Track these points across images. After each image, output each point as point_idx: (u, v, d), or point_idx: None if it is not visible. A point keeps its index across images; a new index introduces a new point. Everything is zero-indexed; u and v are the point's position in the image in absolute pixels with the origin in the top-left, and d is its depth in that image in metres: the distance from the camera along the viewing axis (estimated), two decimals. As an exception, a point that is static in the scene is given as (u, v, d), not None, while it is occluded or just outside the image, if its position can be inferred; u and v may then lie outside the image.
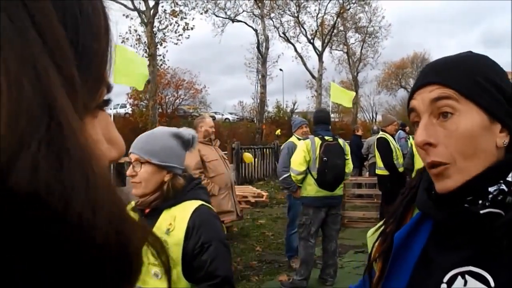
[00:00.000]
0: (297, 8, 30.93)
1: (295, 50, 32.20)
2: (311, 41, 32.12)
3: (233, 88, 64.45)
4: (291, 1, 30.40)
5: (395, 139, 6.76)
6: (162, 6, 23.29)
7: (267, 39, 29.79)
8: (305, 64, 32.21)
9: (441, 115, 0.80)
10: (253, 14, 29.86)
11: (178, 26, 23.98)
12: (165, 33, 23.87)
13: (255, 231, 7.66)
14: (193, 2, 24.63)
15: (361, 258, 5.31)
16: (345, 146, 5.03)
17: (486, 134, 0.78)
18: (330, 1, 30.68)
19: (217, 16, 29.44)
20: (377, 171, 6.71)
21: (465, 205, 0.78)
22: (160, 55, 23.48)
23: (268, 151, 15.16)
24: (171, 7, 23.78)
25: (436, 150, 0.79)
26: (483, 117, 0.78)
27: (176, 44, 24.24)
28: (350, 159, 5.09)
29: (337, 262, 5.18)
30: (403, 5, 70.68)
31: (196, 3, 25.05)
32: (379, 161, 6.50)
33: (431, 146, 0.80)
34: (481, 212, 0.76)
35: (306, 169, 4.82)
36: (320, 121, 5.05)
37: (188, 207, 1.80)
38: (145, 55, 20.27)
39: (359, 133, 11.08)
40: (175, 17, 23.80)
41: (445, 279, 0.78)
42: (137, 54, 12.69)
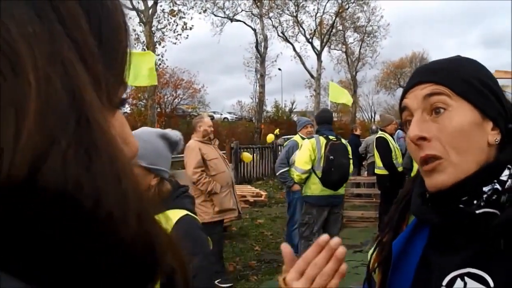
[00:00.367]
0: (296, 8, 30.95)
1: (294, 49, 32.22)
2: (310, 40, 32.13)
3: (231, 88, 64.56)
4: (290, 0, 30.41)
5: (394, 139, 6.77)
6: (161, 6, 23.27)
7: (265, 39, 29.79)
8: (303, 64, 32.22)
9: (434, 111, 0.80)
10: (252, 13, 29.86)
11: (176, 25, 23.99)
12: (163, 33, 23.88)
13: (254, 231, 7.66)
14: (191, 2, 24.62)
15: (360, 257, 5.30)
16: (347, 146, 5.06)
17: (478, 130, 0.79)
18: (328, 0, 30.69)
19: (215, 15, 29.44)
20: (376, 171, 6.72)
21: (460, 205, 0.78)
22: (158, 55, 23.46)
23: (266, 150, 15.16)
24: (170, 6, 23.77)
25: (429, 144, 0.80)
26: (475, 114, 0.79)
27: (174, 43, 24.27)
28: (351, 160, 5.13)
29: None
30: (402, 5, 70.77)
31: (195, 3, 25.05)
32: (378, 161, 6.50)
33: (424, 141, 0.80)
34: (477, 212, 0.76)
35: (311, 168, 4.82)
36: (324, 121, 5.07)
37: (172, 216, 1.65)
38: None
39: (357, 132, 11.08)
40: (174, 16, 23.79)
41: (445, 282, 0.78)
42: (140, 51, 12.69)
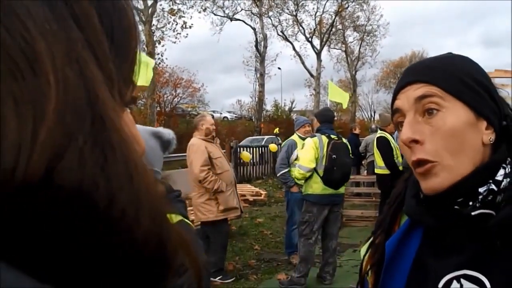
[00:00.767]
0: (296, 7, 30.94)
1: (294, 48, 32.23)
2: (310, 39, 32.12)
3: (231, 87, 64.58)
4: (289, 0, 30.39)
5: (394, 138, 6.76)
6: (160, 5, 23.26)
7: (265, 38, 29.78)
8: (303, 63, 32.23)
9: (426, 113, 0.78)
10: (251, 12, 29.86)
11: (176, 24, 23.97)
12: (163, 32, 23.86)
13: (253, 230, 7.66)
14: (191, 1, 24.60)
15: (360, 257, 5.30)
16: (348, 145, 5.07)
17: (472, 130, 0.77)
18: (328, -1, 30.67)
19: (215, 14, 29.44)
20: (376, 170, 6.70)
21: (455, 207, 0.77)
22: (158, 54, 23.45)
23: (266, 149, 15.14)
24: (169, 5, 23.76)
25: (422, 147, 0.78)
26: (469, 114, 0.77)
27: (174, 42, 24.24)
28: (352, 158, 5.14)
29: (337, 261, 5.19)
30: (402, 4, 70.71)
31: (194, 2, 25.03)
32: (379, 160, 6.48)
33: (417, 144, 0.78)
34: (473, 214, 0.75)
35: (314, 166, 4.82)
36: (326, 120, 5.07)
37: None
38: (144, 54, 20.25)
39: (357, 131, 11.07)
40: (173, 15, 23.77)
41: (440, 284, 0.76)
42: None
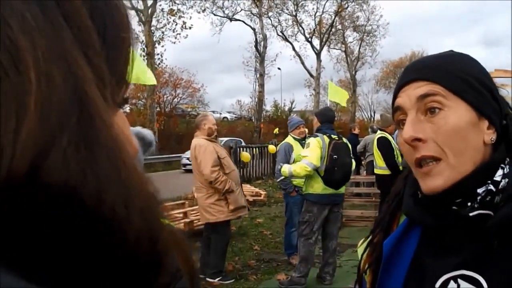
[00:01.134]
0: (295, 7, 30.96)
1: (293, 49, 32.25)
2: (309, 40, 32.13)
3: (231, 87, 64.59)
4: (289, 0, 30.39)
5: (394, 138, 6.76)
6: (160, 5, 23.28)
7: (265, 38, 29.79)
8: (303, 63, 32.24)
9: (429, 111, 0.77)
10: (251, 13, 29.87)
11: (176, 25, 23.98)
12: (163, 32, 23.87)
13: (253, 230, 7.66)
14: (190, 1, 24.60)
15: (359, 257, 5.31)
16: (349, 145, 5.05)
17: (474, 130, 0.77)
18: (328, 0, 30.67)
19: (215, 15, 29.47)
20: (376, 171, 6.68)
21: (454, 207, 0.76)
22: (158, 54, 23.46)
23: (266, 150, 15.14)
24: (169, 6, 23.77)
25: (425, 145, 0.77)
26: (471, 113, 0.77)
27: (174, 43, 24.27)
28: (353, 158, 5.13)
29: (336, 261, 5.18)
30: (401, 4, 70.74)
31: (194, 2, 25.04)
32: (379, 161, 6.46)
33: (419, 142, 0.77)
34: (471, 215, 0.74)
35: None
36: (327, 120, 5.05)
37: None
38: (143, 54, 20.29)
39: (356, 131, 11.07)
40: (173, 16, 23.78)
41: (438, 284, 0.76)
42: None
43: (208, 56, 68.62)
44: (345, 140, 5.05)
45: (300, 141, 5.64)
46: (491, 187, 0.75)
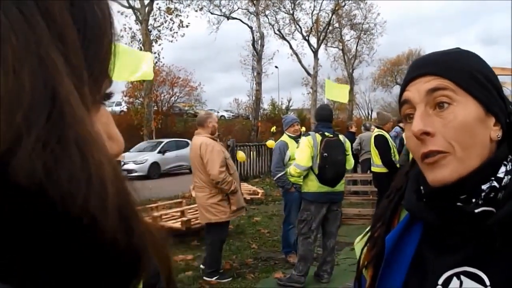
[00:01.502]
0: (292, 5, 30.94)
1: (291, 47, 32.22)
2: (307, 38, 32.13)
3: (228, 86, 64.56)
4: (286, -2, 30.38)
5: (391, 136, 6.77)
6: (157, 4, 23.23)
7: (262, 37, 29.79)
8: (300, 61, 32.22)
9: (437, 106, 0.78)
10: (248, 11, 29.85)
11: (173, 23, 23.95)
12: (160, 31, 23.83)
13: (250, 229, 7.65)
14: (187, 0, 24.56)
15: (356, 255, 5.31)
16: (346, 142, 5.04)
17: (482, 126, 0.77)
18: (325, -2, 30.68)
19: (212, 13, 29.42)
20: (373, 169, 6.69)
21: (458, 204, 0.76)
22: (155, 53, 23.40)
23: (263, 148, 15.14)
24: (166, 4, 23.73)
25: (433, 139, 0.77)
26: (479, 109, 0.77)
27: (171, 41, 24.24)
28: (351, 155, 5.12)
29: (335, 259, 5.18)
30: (398, 2, 70.78)
31: (191, 1, 25.00)
32: (376, 159, 6.47)
33: (428, 136, 0.77)
34: (476, 211, 0.74)
35: (311, 165, 4.80)
36: (321, 119, 5.04)
37: None
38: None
39: (353, 129, 11.08)
40: (170, 14, 23.74)
41: (440, 280, 0.76)
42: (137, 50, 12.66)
43: (205, 54, 68.62)
44: (341, 137, 5.03)
45: (295, 139, 5.66)
46: (495, 183, 0.75)
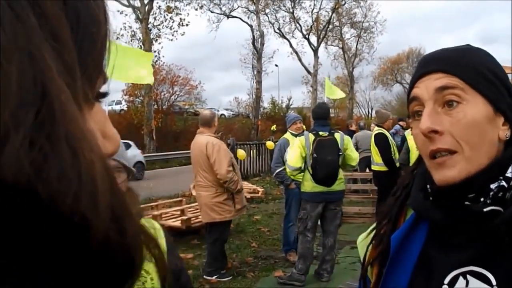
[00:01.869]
0: (292, 4, 30.92)
1: (291, 45, 32.23)
2: (307, 36, 32.12)
3: (228, 84, 64.54)
4: (286, -4, 30.34)
5: (391, 134, 6.77)
6: (157, 2, 23.22)
7: (262, 35, 29.78)
8: (300, 60, 32.23)
9: (446, 104, 0.77)
10: (248, 10, 29.83)
11: (173, 22, 23.95)
12: (160, 29, 23.82)
13: (250, 227, 7.65)
14: (188, -2, 24.54)
15: (357, 253, 5.26)
16: (344, 140, 4.94)
17: (490, 125, 0.77)
18: (325, -4, 30.64)
19: (212, 12, 29.40)
20: (373, 167, 6.69)
21: (466, 203, 0.76)
22: (155, 52, 23.39)
23: (263, 147, 15.13)
24: (166, 3, 23.71)
25: (442, 138, 0.76)
26: (488, 108, 0.76)
27: (171, 40, 24.22)
28: (352, 152, 5.02)
29: (335, 258, 5.18)
30: (399, 2, 70.73)
31: (191, -1, 24.97)
32: (376, 157, 6.47)
33: (436, 134, 0.77)
34: (485, 210, 0.73)
35: (302, 165, 4.83)
36: (318, 117, 5.02)
37: (156, 225, 1.56)
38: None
39: (353, 128, 11.07)
40: (170, 13, 23.73)
41: (446, 280, 0.76)
42: (138, 49, 12.60)
43: (205, 53, 68.65)
44: (337, 135, 4.91)
45: (296, 136, 5.66)
46: (503, 183, 0.75)
